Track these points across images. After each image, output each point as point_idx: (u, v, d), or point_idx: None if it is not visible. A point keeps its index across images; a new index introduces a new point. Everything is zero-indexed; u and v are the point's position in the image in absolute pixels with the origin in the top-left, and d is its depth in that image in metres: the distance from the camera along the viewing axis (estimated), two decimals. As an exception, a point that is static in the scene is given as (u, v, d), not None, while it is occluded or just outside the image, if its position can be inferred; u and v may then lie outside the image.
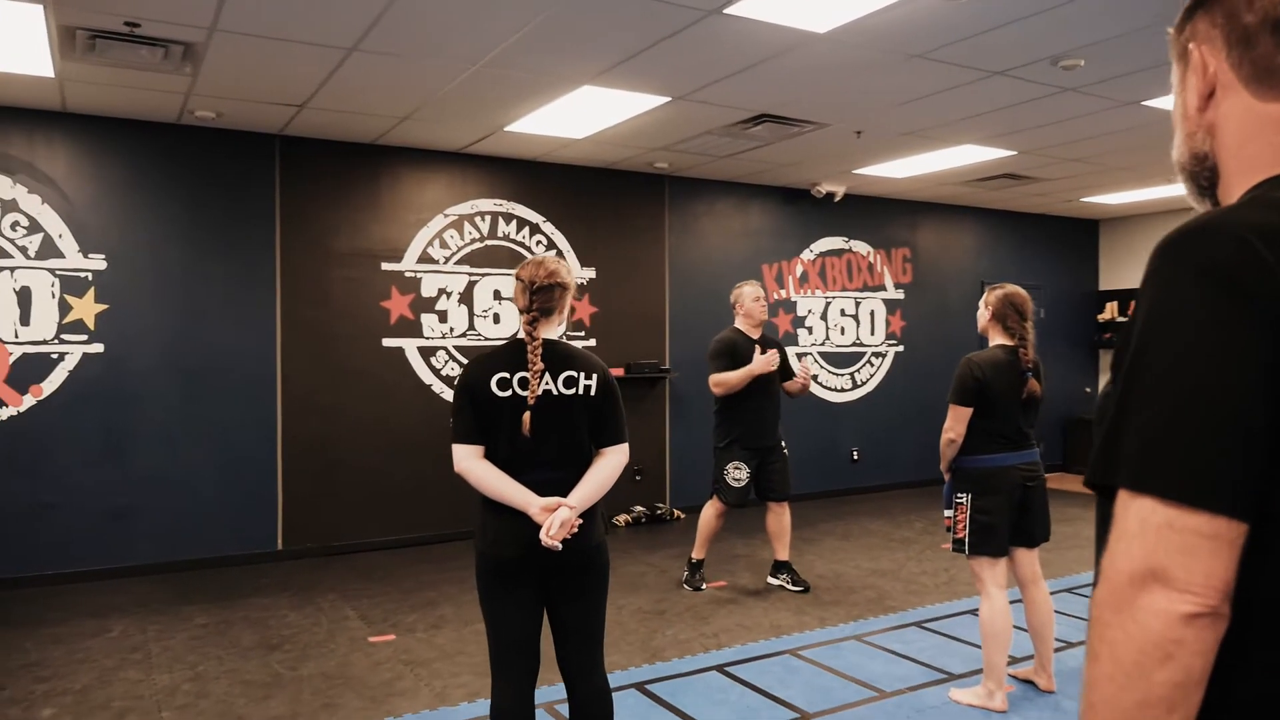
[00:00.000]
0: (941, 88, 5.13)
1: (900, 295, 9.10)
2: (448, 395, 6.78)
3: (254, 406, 6.13)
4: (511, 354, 2.74)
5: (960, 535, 3.72)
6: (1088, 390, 10.46)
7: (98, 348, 5.68)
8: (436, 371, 6.75)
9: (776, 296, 8.33)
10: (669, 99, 5.35)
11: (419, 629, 4.71)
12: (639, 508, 7.49)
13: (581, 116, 5.72)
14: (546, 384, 2.72)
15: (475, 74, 4.84)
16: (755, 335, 5.44)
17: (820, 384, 8.58)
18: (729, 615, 4.93)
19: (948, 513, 3.78)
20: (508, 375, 2.70)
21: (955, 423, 3.71)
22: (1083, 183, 8.12)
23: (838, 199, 8.32)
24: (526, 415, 2.67)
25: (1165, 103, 5.46)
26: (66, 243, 5.60)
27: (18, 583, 5.44)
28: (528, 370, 2.70)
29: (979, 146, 6.64)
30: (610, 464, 2.75)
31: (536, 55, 4.55)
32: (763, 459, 5.35)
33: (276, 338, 6.19)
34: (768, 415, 5.33)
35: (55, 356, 5.57)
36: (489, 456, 2.72)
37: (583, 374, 2.76)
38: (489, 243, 6.95)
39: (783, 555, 5.51)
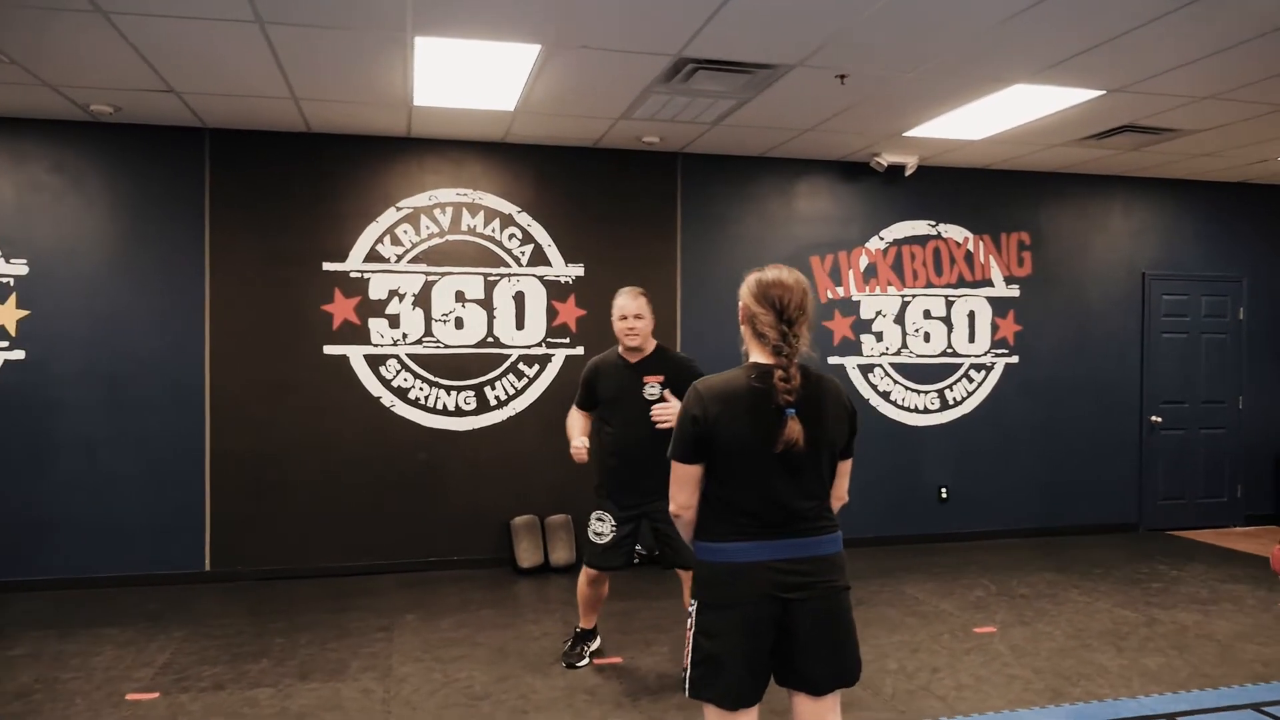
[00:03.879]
0: (874, -5, 3.62)
1: (1014, 292, 7.17)
2: (399, 408, 6.07)
3: (180, 417, 5.76)
4: None
5: (686, 664, 2.36)
6: (1319, 417, 7.77)
7: (19, 354, 5.55)
8: (386, 383, 6.05)
9: (831, 295, 6.81)
10: (539, 46, 4.26)
11: (201, 684, 4.00)
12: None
13: (477, 83, 4.78)
14: None
15: (286, 35, 4.07)
16: (632, 359, 4.12)
17: (894, 403, 6.91)
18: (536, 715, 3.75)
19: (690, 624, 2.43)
20: None
21: (677, 488, 2.36)
22: (1257, 133, 5.87)
23: (909, 172, 6.65)
24: None
25: (1268, -12, 3.55)
26: (-12, 248, 5.53)
27: (-67, 590, 5.43)
28: None
29: (1037, 85, 4.86)
30: None
31: (320, 9, 3.70)
32: (648, 518, 4.08)
33: (205, 344, 5.79)
34: (636, 467, 4.02)
35: (-24, 363, 5.51)
36: None
37: None
38: (450, 238, 6.14)
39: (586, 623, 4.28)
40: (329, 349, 5.96)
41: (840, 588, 2.32)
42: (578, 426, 4.17)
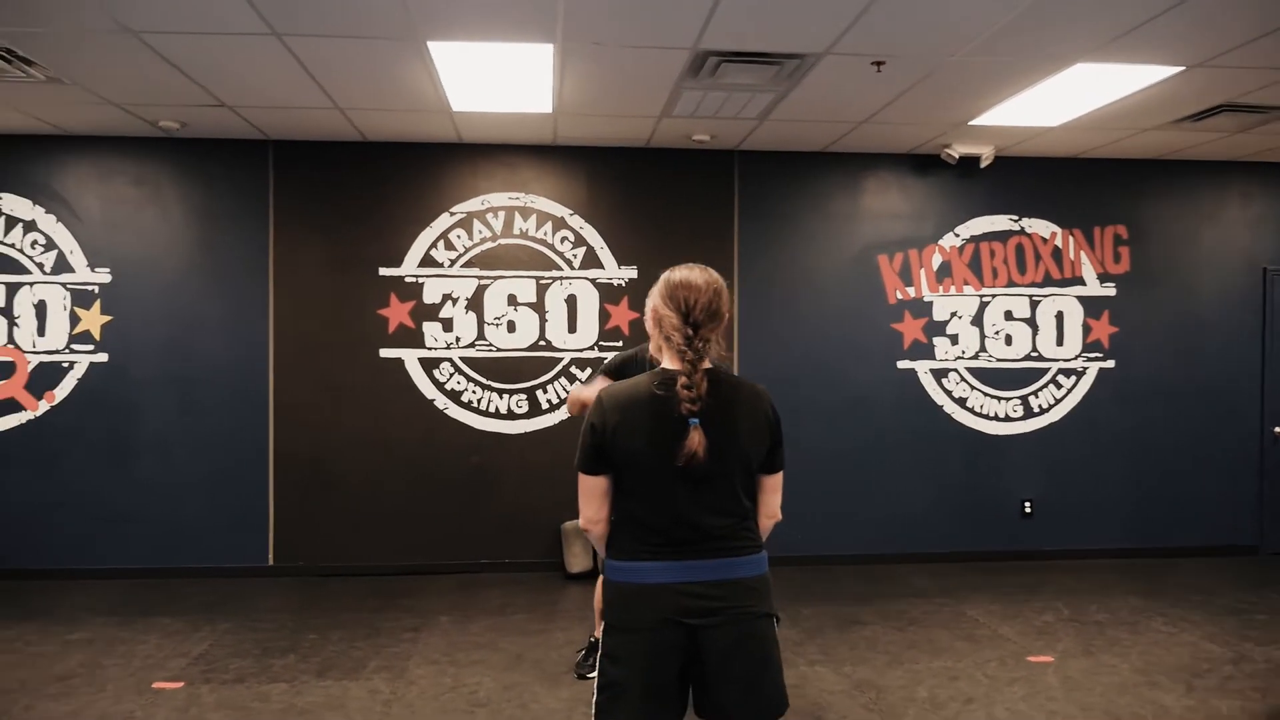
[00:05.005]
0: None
1: (1110, 291, 6.59)
2: (453, 411, 6.14)
3: (246, 419, 6.01)
4: None
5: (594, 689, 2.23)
6: None
7: (103, 357, 5.93)
8: (440, 385, 6.13)
9: (900, 296, 6.45)
10: (551, 45, 4.20)
11: (225, 676, 4.14)
12: (687, 554, 6.18)
13: (505, 86, 4.77)
14: None
15: (306, 46, 4.16)
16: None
17: (971, 410, 6.48)
18: (554, 724, 3.66)
19: None
20: None
21: (583, 501, 2.24)
22: (1387, 107, 5.17)
23: (985, 163, 6.22)
24: None
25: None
26: (77, 258, 5.92)
27: (27, 574, 5.85)
28: None
29: (1102, 64, 4.43)
30: None
31: (327, 19, 3.75)
32: None
33: (269, 348, 6.02)
34: None
35: (66, 365, 5.91)
36: None
37: None
38: (503, 242, 6.17)
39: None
40: (385, 353, 6.09)
41: (756, 614, 2.13)
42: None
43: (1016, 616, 5.15)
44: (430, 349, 6.12)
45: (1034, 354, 6.54)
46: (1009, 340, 6.52)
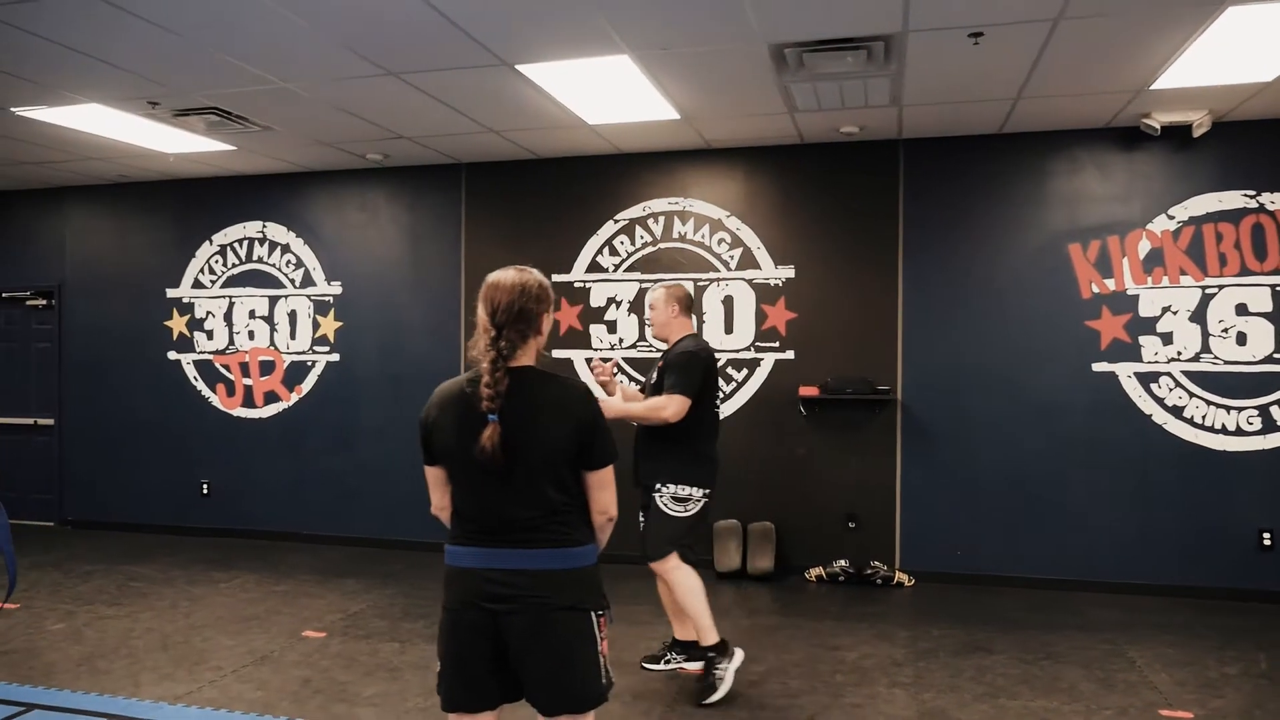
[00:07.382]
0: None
1: (1390, 277, 5.30)
2: (615, 410, 6.44)
3: (442, 411, 6.77)
4: None
5: (443, 659, 2.39)
6: None
7: (335, 357, 7.02)
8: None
9: (1096, 289, 5.69)
10: (626, 55, 4.34)
11: (360, 631, 4.77)
12: (841, 562, 5.95)
13: (619, 98, 4.99)
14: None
15: (427, 81, 4.70)
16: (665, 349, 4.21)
17: (1188, 420, 5.54)
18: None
19: None
20: None
21: (430, 489, 2.46)
22: None
23: (1199, 131, 5.30)
24: None
25: None
26: (318, 274, 7.06)
27: (278, 536, 7.08)
28: None
29: (1256, 4, 3.67)
30: None
31: (417, 57, 4.24)
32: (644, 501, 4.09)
33: (460, 349, 6.74)
34: (638, 449, 4.07)
35: (309, 364, 7.08)
36: None
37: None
38: (662, 246, 6.37)
39: (678, 633, 4.26)
40: (556, 353, 6.56)
41: (555, 607, 2.17)
42: None
43: (1190, 664, 4.36)
44: (596, 350, 6.49)
45: (1277, 355, 5.44)
46: (1242, 339, 5.48)
